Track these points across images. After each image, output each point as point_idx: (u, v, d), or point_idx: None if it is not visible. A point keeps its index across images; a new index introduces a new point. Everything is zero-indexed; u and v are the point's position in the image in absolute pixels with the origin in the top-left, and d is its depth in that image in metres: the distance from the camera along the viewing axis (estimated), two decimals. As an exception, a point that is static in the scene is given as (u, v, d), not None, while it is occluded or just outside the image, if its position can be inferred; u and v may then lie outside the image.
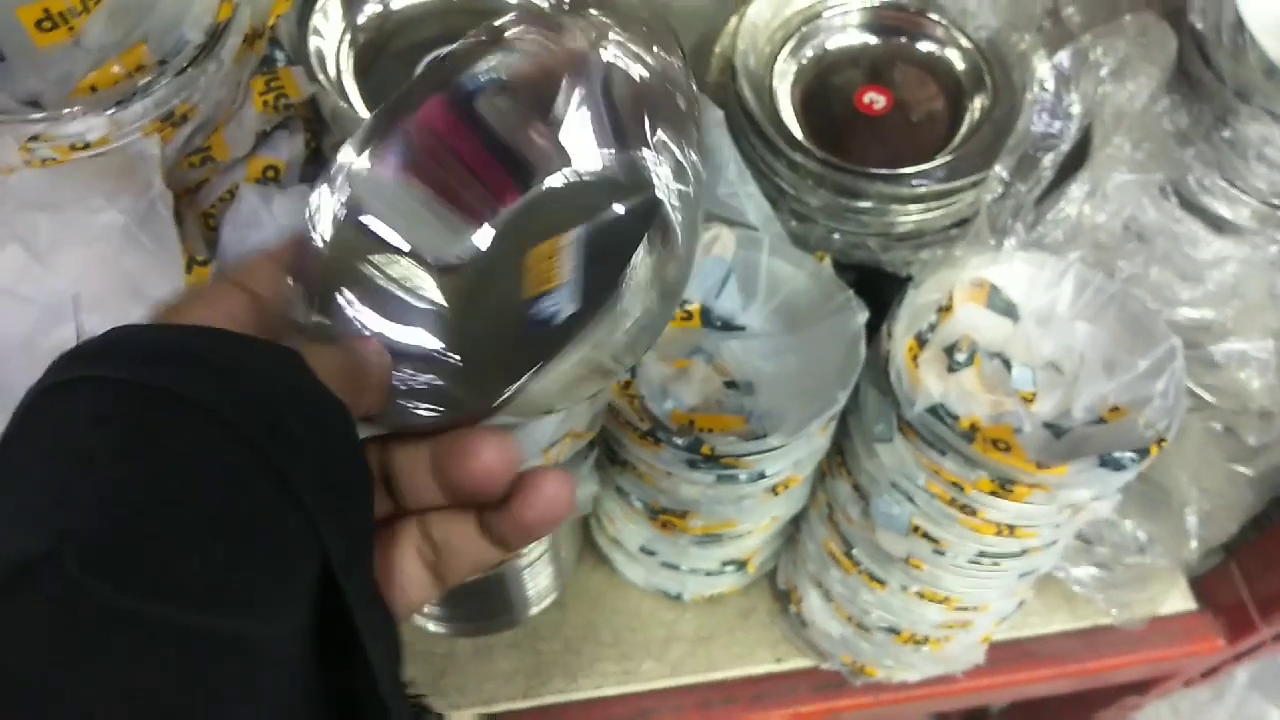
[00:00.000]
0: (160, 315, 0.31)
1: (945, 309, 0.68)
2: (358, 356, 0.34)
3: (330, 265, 0.37)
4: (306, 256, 0.36)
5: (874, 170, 0.69)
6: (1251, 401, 0.78)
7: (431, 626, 0.85)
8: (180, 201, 0.65)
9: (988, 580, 0.72)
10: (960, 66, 0.76)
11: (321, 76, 0.68)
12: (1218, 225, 0.78)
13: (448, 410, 0.35)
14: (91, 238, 0.56)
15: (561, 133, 0.41)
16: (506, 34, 0.40)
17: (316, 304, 0.36)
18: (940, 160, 0.70)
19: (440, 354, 0.38)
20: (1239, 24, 0.74)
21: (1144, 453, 0.62)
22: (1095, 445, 0.65)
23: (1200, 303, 0.71)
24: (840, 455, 0.73)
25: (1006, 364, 0.69)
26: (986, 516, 0.66)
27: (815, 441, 0.69)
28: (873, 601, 0.77)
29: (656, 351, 0.72)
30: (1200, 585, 0.95)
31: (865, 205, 0.71)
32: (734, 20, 0.77)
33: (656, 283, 0.35)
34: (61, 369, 0.27)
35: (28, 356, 0.57)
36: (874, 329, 0.68)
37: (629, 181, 0.39)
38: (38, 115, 0.60)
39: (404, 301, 0.38)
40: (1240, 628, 0.94)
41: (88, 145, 0.60)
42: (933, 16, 0.77)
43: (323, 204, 0.37)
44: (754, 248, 0.71)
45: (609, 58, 0.40)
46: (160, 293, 0.55)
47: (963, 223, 0.73)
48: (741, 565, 0.82)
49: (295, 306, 0.35)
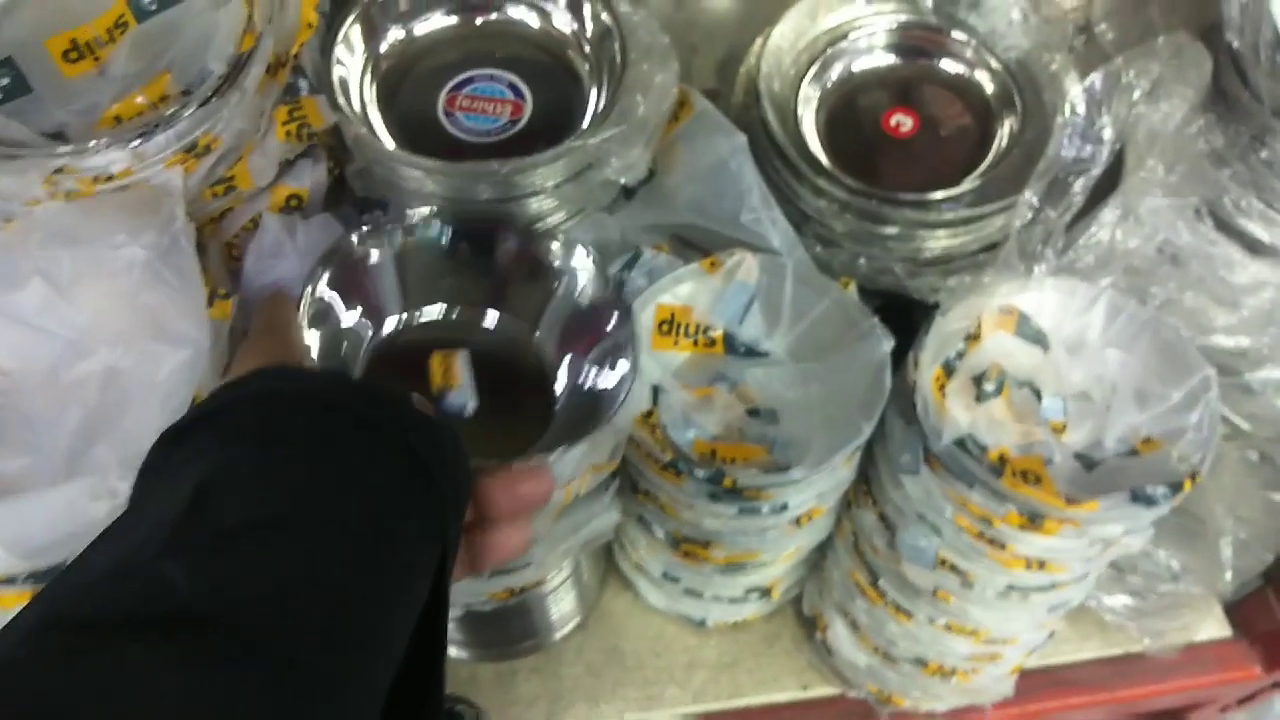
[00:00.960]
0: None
1: (973, 337, 0.67)
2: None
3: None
4: None
5: (901, 196, 0.68)
6: (1289, 429, 0.76)
7: (454, 651, 0.85)
8: (203, 232, 0.66)
9: (1017, 613, 0.70)
10: (989, 88, 0.75)
11: (344, 104, 0.68)
12: (1254, 248, 0.76)
13: None
14: (113, 272, 0.56)
15: None
16: None
17: None
18: (968, 185, 0.69)
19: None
20: (1278, 42, 0.72)
21: (1177, 487, 0.60)
22: (1127, 478, 0.63)
23: (1236, 330, 0.70)
24: (866, 484, 0.72)
25: (1036, 393, 0.68)
26: (1016, 550, 0.65)
27: (839, 473, 0.68)
28: (899, 633, 0.76)
29: (679, 379, 0.71)
30: (1236, 612, 0.93)
31: (892, 231, 0.70)
32: (758, 42, 0.77)
33: None
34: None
35: (50, 389, 0.57)
36: (900, 356, 0.67)
37: None
38: (63, 149, 0.60)
39: None
40: (1278, 655, 0.92)
41: (111, 178, 0.60)
42: (961, 37, 0.75)
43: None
44: (778, 274, 0.70)
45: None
46: (182, 328, 0.55)
47: (991, 247, 0.72)
48: (765, 592, 0.81)
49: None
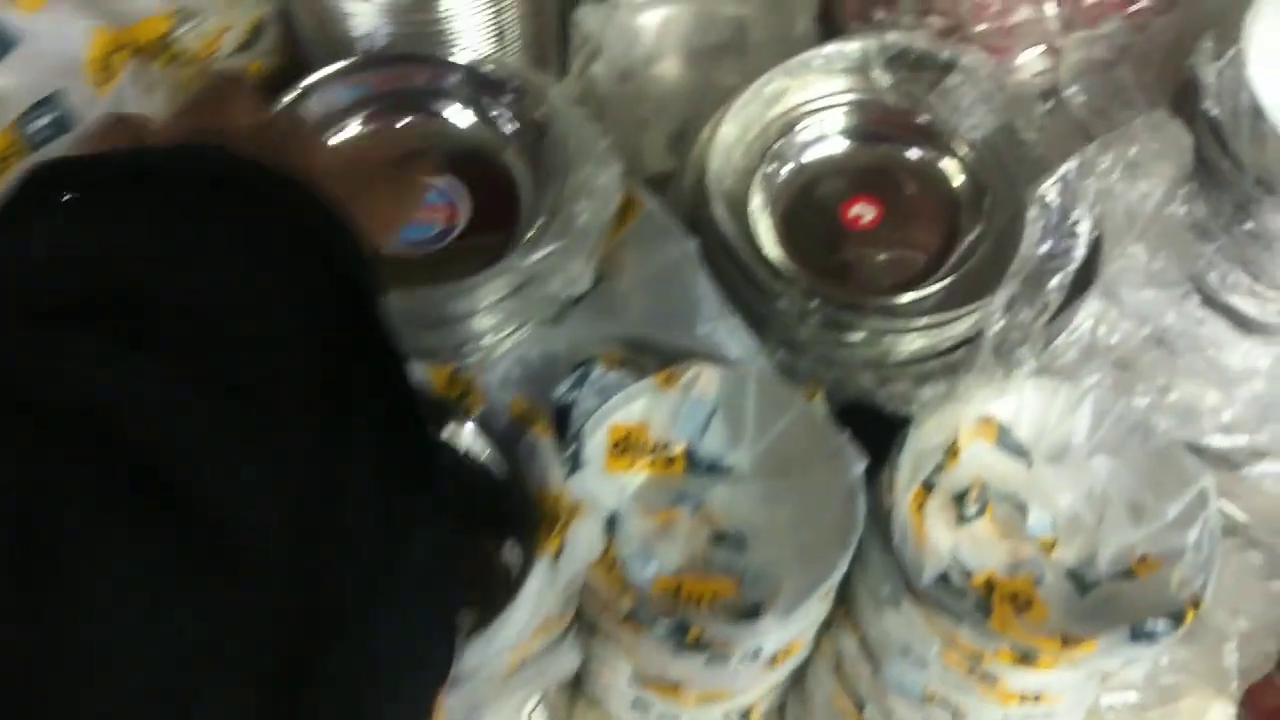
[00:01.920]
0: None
1: (951, 453, 0.62)
2: None
3: None
4: None
5: (866, 302, 0.63)
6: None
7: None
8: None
9: (1012, 742, 0.65)
10: (955, 173, 0.70)
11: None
12: (1244, 324, 0.72)
13: None
14: None
15: None
16: None
17: None
18: (937, 285, 0.64)
19: None
20: (1257, 110, 0.68)
21: (1179, 618, 0.56)
22: (1124, 604, 0.59)
23: (1232, 428, 0.65)
24: (845, 606, 0.67)
25: (1022, 508, 0.63)
26: (1009, 686, 0.60)
27: (814, 609, 0.63)
28: (889, 759, 0.71)
29: (638, 502, 0.66)
30: (1245, 696, 0.88)
31: (858, 337, 0.64)
32: (706, 131, 0.71)
33: None
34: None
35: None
36: (874, 464, 0.62)
37: None
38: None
39: None
40: (1287, 734, 0.87)
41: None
42: (921, 119, 0.70)
43: None
44: (739, 386, 0.65)
45: None
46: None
47: (966, 343, 0.67)
48: (745, 715, 0.76)
49: None
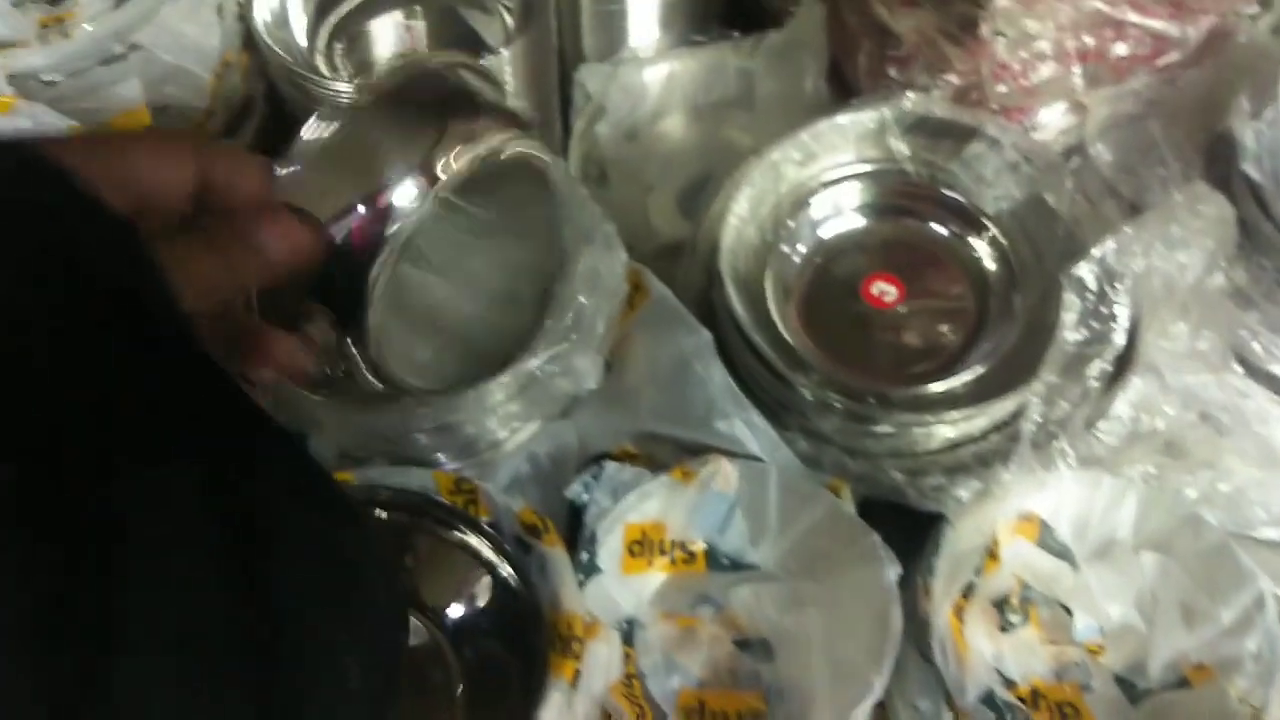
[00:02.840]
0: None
1: (990, 555, 0.58)
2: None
3: None
4: None
5: (892, 394, 0.60)
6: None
7: None
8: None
9: None
10: (980, 247, 0.67)
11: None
12: (1291, 396, 0.68)
13: None
14: None
15: None
16: None
17: None
18: (969, 374, 0.60)
19: None
20: (1300, 171, 0.64)
21: (1242, 736, 0.52)
22: (1180, 716, 0.55)
23: (1285, 517, 0.61)
24: (882, 710, 0.63)
25: (1067, 609, 0.59)
26: (1060, 806, 0.56)
27: (850, 730, 0.59)
28: None
29: (656, 606, 0.63)
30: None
31: (886, 429, 0.61)
32: (715, 205, 0.68)
33: None
34: None
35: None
36: (907, 557, 0.59)
37: None
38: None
39: None
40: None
41: None
42: (945, 191, 0.67)
43: None
44: (760, 480, 0.61)
45: None
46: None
47: (999, 428, 0.63)
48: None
49: None
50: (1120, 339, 0.58)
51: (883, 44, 0.74)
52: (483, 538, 0.58)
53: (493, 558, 0.58)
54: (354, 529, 0.31)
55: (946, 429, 0.61)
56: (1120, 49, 0.70)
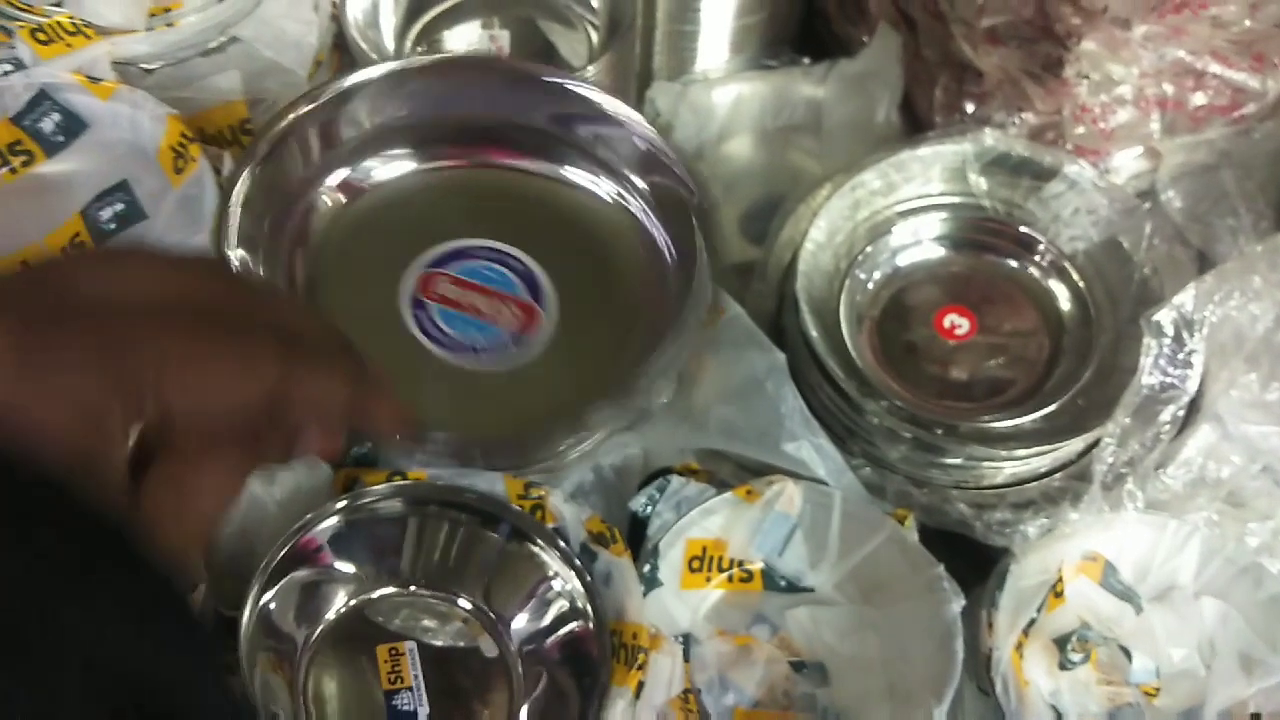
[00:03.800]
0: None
1: (1055, 592, 0.58)
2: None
3: None
4: None
5: (960, 426, 0.60)
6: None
7: None
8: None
9: None
10: (1055, 285, 0.67)
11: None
12: (1353, 449, 0.69)
13: None
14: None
15: None
16: None
17: None
18: (1040, 411, 0.61)
19: None
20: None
21: (1301, 788, 0.52)
22: (1237, 764, 0.55)
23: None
24: (930, 742, 0.64)
25: (1126, 651, 0.59)
26: (1112, 846, 0.56)
27: (906, 757, 0.59)
28: None
29: (711, 622, 0.63)
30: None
31: (954, 461, 0.61)
32: (786, 229, 0.68)
33: None
34: None
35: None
36: (965, 589, 0.59)
37: None
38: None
39: None
40: None
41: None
42: (1022, 228, 0.68)
43: None
44: (824, 504, 0.62)
45: None
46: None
47: (1066, 468, 0.64)
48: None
49: None
50: (1193, 386, 0.59)
51: (961, 79, 0.75)
52: (551, 546, 0.58)
53: (559, 567, 0.58)
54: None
55: (1015, 465, 0.61)
56: (1199, 98, 0.70)
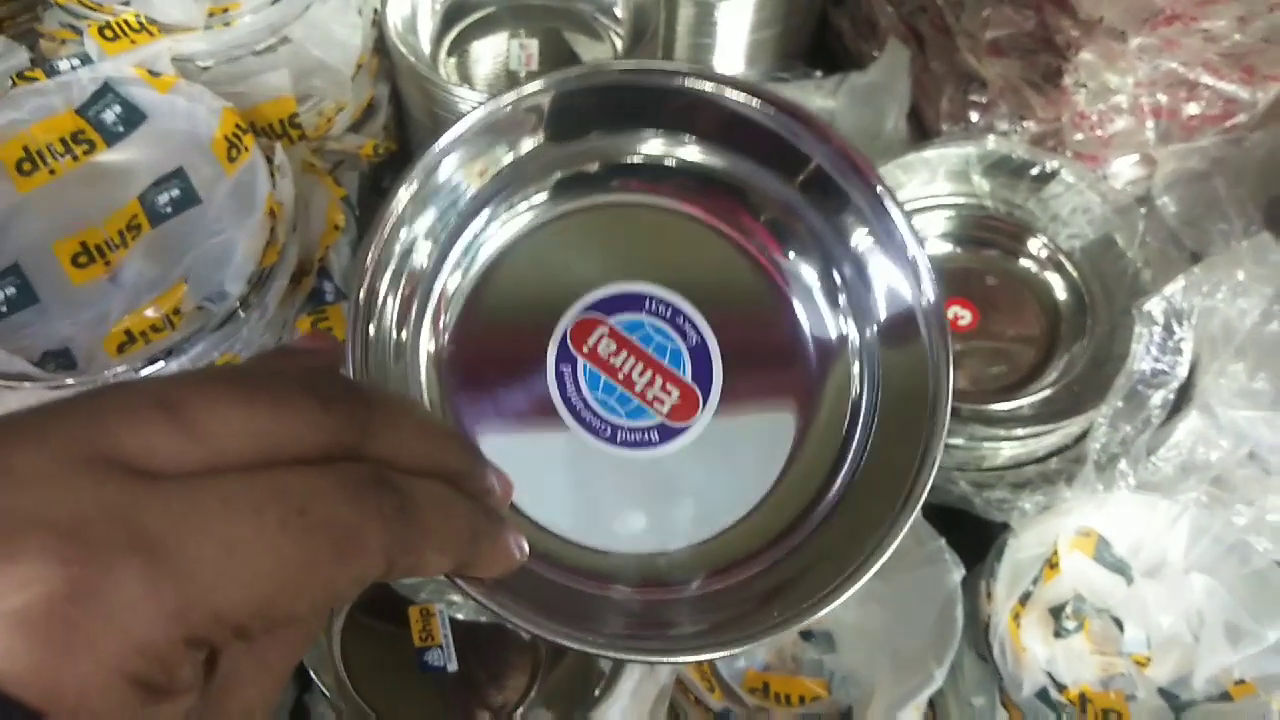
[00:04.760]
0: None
1: (1050, 565, 0.62)
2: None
3: None
4: None
5: (961, 408, 0.64)
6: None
7: None
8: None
9: None
10: (1054, 280, 0.71)
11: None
12: (1338, 440, 0.72)
13: None
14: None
15: None
16: None
17: None
18: (1038, 395, 0.65)
19: None
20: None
21: (1282, 748, 0.55)
22: (1222, 727, 0.58)
23: (1330, 552, 0.65)
24: (932, 711, 0.67)
25: (1118, 622, 0.63)
26: (1103, 805, 0.59)
27: (908, 718, 0.62)
28: None
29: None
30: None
31: (955, 441, 0.65)
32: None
33: None
34: None
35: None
36: (966, 562, 0.62)
37: None
38: (70, 381, 0.56)
39: None
40: None
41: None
42: (1022, 226, 0.71)
43: None
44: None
45: None
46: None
47: (1062, 452, 0.67)
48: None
49: None
50: (1183, 372, 0.62)
51: (965, 89, 0.79)
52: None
53: None
54: None
55: (1014, 446, 0.65)
56: (1192, 108, 0.74)
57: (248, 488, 0.22)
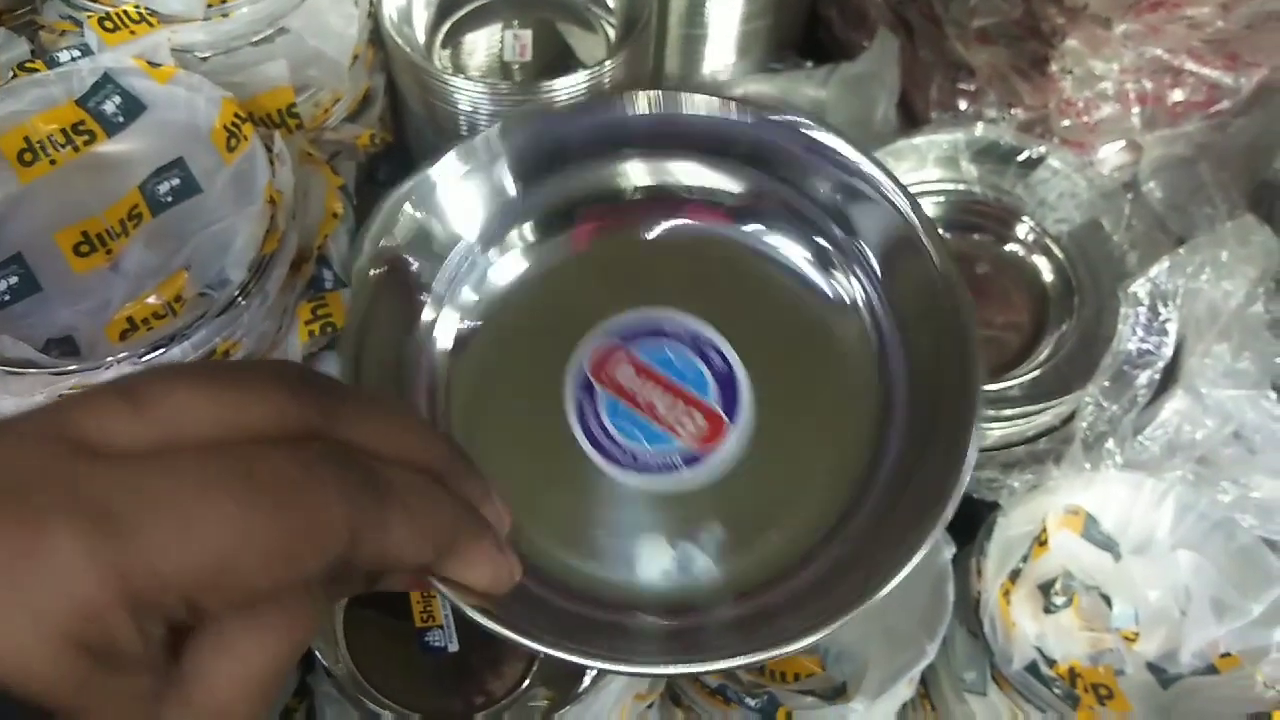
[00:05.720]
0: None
1: (1039, 542, 0.63)
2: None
3: None
4: None
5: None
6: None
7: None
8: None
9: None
10: (1042, 264, 0.72)
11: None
12: (1322, 422, 0.73)
13: None
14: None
15: None
16: None
17: None
18: (1026, 376, 0.66)
19: None
20: (1341, 208, 0.70)
21: (1265, 717, 0.56)
22: (1206, 699, 0.59)
23: (1312, 527, 0.66)
24: (924, 687, 0.68)
25: (1106, 598, 0.64)
26: (1092, 776, 0.60)
27: (900, 692, 0.63)
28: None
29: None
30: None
31: (945, 423, 0.66)
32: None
33: None
34: None
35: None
36: (960, 542, 0.64)
37: None
38: (73, 367, 0.56)
39: None
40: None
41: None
42: (1010, 211, 0.72)
43: None
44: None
45: None
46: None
47: (1050, 432, 0.68)
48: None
49: None
50: (1168, 353, 0.63)
51: (954, 77, 0.81)
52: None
53: None
54: None
55: (1003, 427, 0.66)
56: (1177, 94, 0.75)
57: (195, 457, 0.22)
